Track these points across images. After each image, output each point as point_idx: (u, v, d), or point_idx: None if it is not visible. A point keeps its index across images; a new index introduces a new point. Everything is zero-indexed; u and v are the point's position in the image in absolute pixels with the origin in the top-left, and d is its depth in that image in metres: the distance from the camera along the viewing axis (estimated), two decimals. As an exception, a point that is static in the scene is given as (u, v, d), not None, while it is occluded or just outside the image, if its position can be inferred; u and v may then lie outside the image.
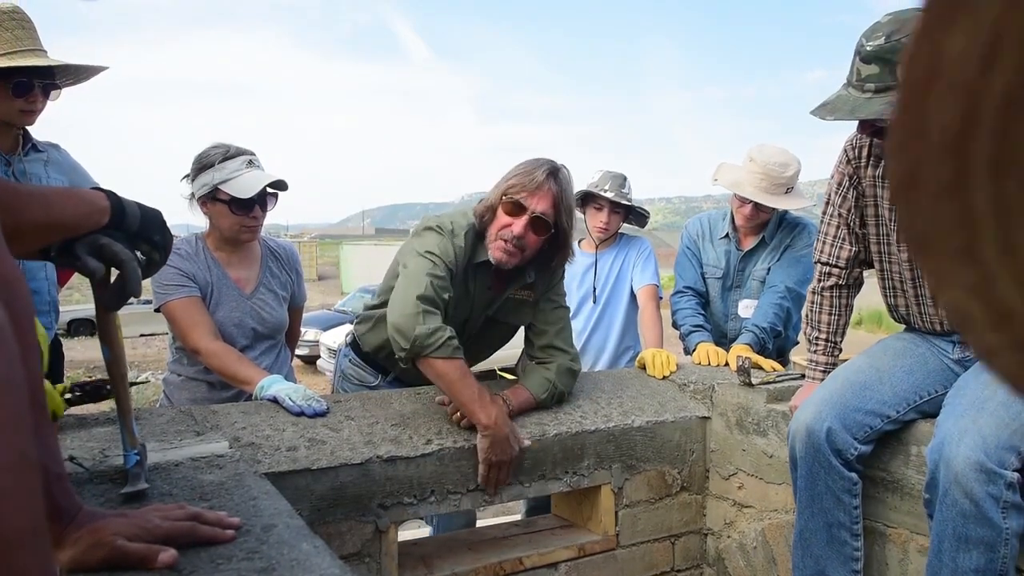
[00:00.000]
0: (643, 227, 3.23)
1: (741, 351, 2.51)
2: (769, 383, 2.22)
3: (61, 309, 2.58)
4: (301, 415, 1.86)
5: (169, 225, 1.26)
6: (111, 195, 1.18)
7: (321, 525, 1.65)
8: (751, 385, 2.20)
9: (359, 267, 26.29)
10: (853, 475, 1.77)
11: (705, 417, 2.28)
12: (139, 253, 1.21)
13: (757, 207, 2.72)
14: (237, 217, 2.16)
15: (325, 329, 12.32)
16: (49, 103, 2.28)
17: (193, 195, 2.18)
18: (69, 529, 0.92)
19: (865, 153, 1.93)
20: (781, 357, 2.91)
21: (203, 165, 2.15)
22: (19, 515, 0.56)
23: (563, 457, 2.02)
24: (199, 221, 2.26)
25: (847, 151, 1.96)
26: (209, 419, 1.77)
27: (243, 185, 2.12)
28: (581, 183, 2.97)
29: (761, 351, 2.62)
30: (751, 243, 2.86)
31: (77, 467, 1.32)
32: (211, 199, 2.15)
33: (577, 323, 2.99)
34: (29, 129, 2.31)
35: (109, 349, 1.25)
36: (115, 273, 1.18)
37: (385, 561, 1.77)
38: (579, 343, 2.98)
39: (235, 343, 2.18)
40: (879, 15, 1.75)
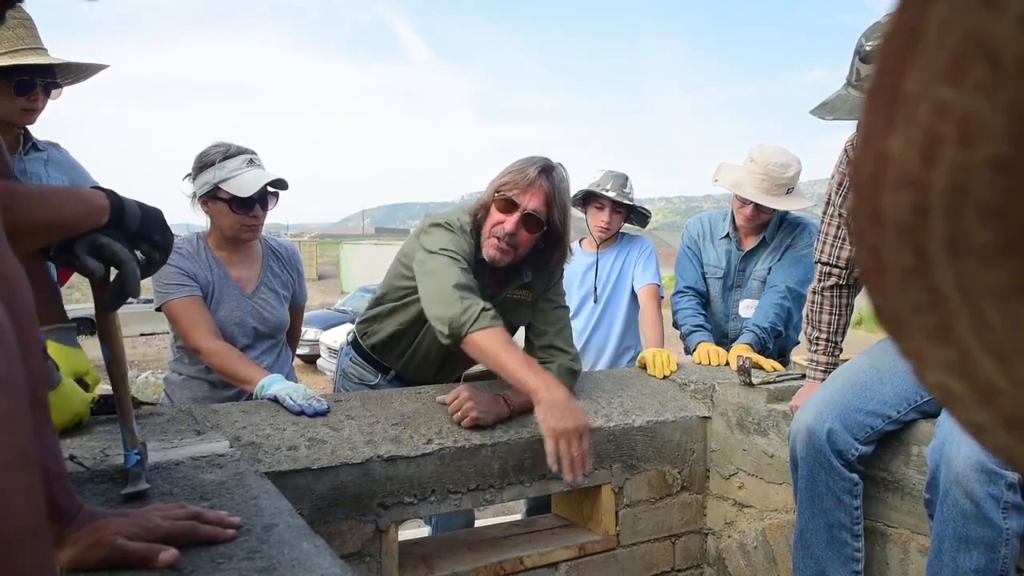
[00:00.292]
0: (644, 227, 3.23)
1: (742, 351, 2.51)
2: (770, 383, 2.22)
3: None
4: (302, 414, 1.86)
5: (169, 224, 1.26)
6: (111, 194, 1.18)
7: (321, 524, 1.64)
8: (752, 385, 2.20)
9: (359, 267, 26.29)
10: (854, 476, 1.77)
11: (706, 417, 2.28)
12: (139, 253, 1.21)
13: (758, 208, 2.71)
14: (237, 216, 2.16)
15: (325, 328, 12.32)
16: (50, 102, 2.28)
17: (194, 194, 2.18)
18: (69, 528, 0.92)
19: (866, 153, 1.93)
20: (782, 357, 2.91)
21: (204, 164, 2.15)
22: (19, 514, 0.56)
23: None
24: (199, 220, 2.26)
25: (847, 151, 1.96)
26: (209, 418, 1.77)
27: (243, 184, 2.12)
28: (582, 183, 2.97)
29: (762, 351, 2.61)
30: (752, 243, 2.86)
31: (78, 466, 1.32)
32: (212, 198, 2.16)
33: (578, 322, 2.99)
34: (29, 128, 2.31)
35: (109, 349, 1.25)
36: (115, 272, 1.18)
37: (385, 561, 1.77)
38: (580, 342, 2.98)
39: (236, 342, 2.18)
40: (879, 15, 1.75)
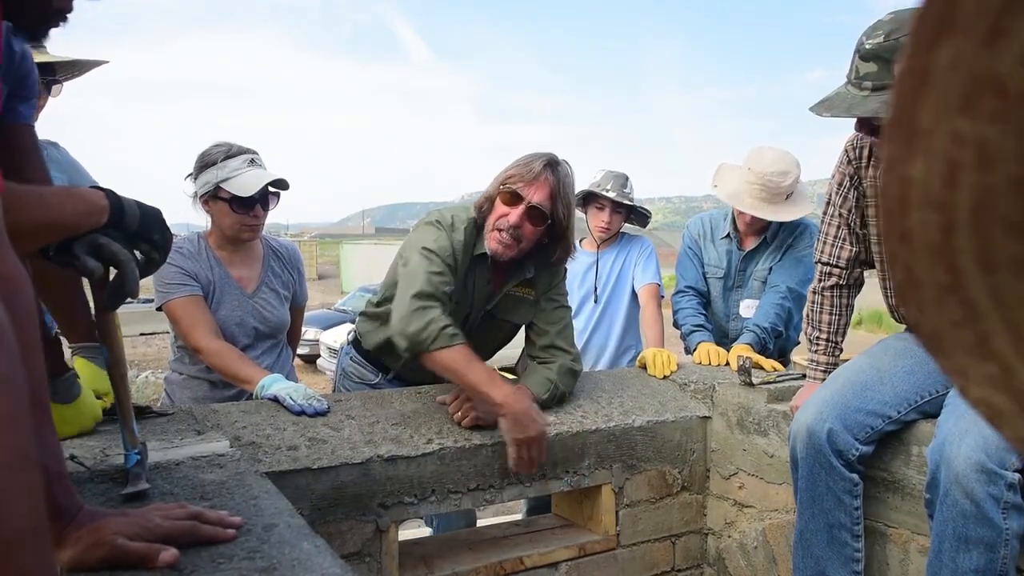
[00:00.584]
0: (644, 227, 3.23)
1: (742, 351, 2.51)
2: (770, 383, 2.22)
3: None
4: (302, 414, 1.86)
5: (169, 224, 1.25)
6: (110, 194, 1.17)
7: (322, 524, 1.64)
8: (752, 385, 2.20)
9: (359, 266, 26.27)
10: (854, 476, 1.77)
11: (706, 417, 2.28)
12: (138, 252, 1.21)
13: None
14: (238, 216, 2.16)
15: (325, 328, 12.31)
16: (50, 99, 2.28)
17: (196, 194, 2.18)
18: (69, 528, 0.92)
19: (866, 153, 1.92)
20: (782, 357, 2.90)
21: (205, 163, 2.15)
22: (20, 514, 0.56)
23: (564, 457, 2.02)
24: (200, 220, 2.27)
25: (848, 151, 1.96)
26: (210, 418, 1.77)
27: (244, 183, 2.13)
28: (582, 183, 2.97)
29: (762, 351, 2.61)
30: (753, 243, 2.85)
31: (78, 466, 1.32)
32: (213, 197, 2.16)
33: (578, 322, 2.99)
34: None
35: (108, 349, 1.25)
36: (114, 272, 1.18)
37: (385, 561, 1.77)
38: (580, 342, 2.98)
39: (237, 342, 2.18)
40: (879, 15, 1.74)
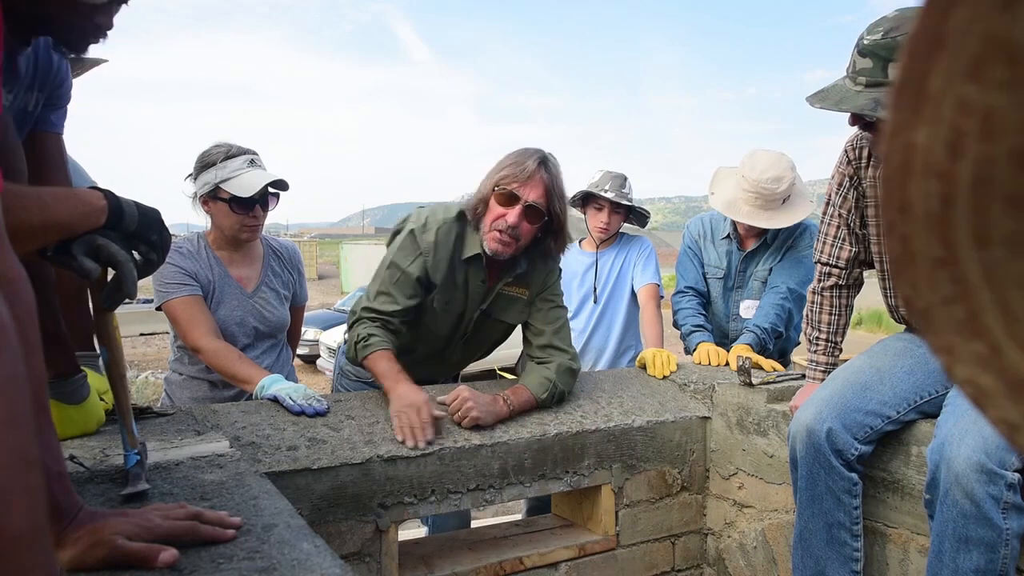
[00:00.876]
0: (643, 227, 3.23)
1: (742, 351, 2.51)
2: (769, 383, 2.22)
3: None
4: (301, 414, 1.86)
5: (169, 224, 1.25)
6: (108, 195, 1.17)
7: (321, 525, 1.64)
8: (751, 385, 2.20)
9: (359, 267, 26.25)
10: (853, 475, 1.77)
11: (705, 417, 2.28)
12: (136, 253, 1.21)
13: None
14: (238, 216, 2.16)
15: (325, 328, 12.31)
16: None
17: (195, 194, 2.18)
18: (69, 528, 0.91)
19: (865, 154, 1.92)
20: (783, 358, 2.91)
21: (205, 164, 2.15)
22: (21, 514, 0.56)
23: (563, 457, 2.02)
24: (200, 220, 2.26)
25: (848, 152, 1.96)
26: (209, 418, 1.77)
27: (244, 184, 2.13)
28: (581, 183, 2.98)
29: (762, 351, 2.61)
30: (753, 244, 2.85)
31: (78, 466, 1.32)
32: (212, 198, 2.16)
33: (578, 323, 3.00)
34: None
35: (107, 350, 1.24)
36: (112, 273, 1.18)
37: (385, 561, 1.77)
38: (580, 343, 2.98)
39: (237, 342, 2.18)
40: (880, 15, 1.74)
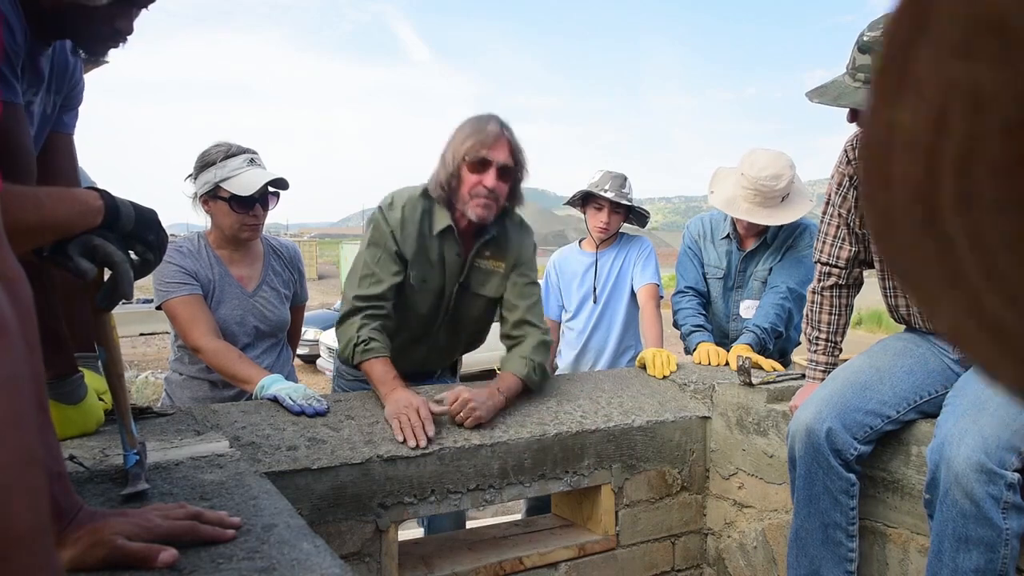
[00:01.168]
0: (643, 227, 3.23)
1: (741, 351, 2.51)
2: (769, 383, 2.22)
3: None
4: (301, 414, 1.86)
5: (169, 224, 1.25)
6: (105, 195, 1.17)
7: (321, 524, 1.64)
8: (751, 385, 2.20)
9: (359, 266, 26.21)
10: (851, 476, 1.77)
11: (705, 417, 2.28)
12: (133, 253, 1.20)
13: None
14: (238, 215, 2.16)
15: (325, 328, 12.30)
16: None
17: (195, 194, 2.18)
18: (69, 528, 0.91)
19: (865, 153, 1.92)
20: (783, 357, 2.90)
21: (205, 163, 2.15)
22: (24, 514, 0.56)
23: (563, 457, 2.02)
24: (199, 220, 2.26)
25: (847, 151, 1.96)
26: (209, 418, 1.77)
27: (244, 183, 2.13)
28: (581, 183, 2.99)
29: (762, 351, 2.61)
30: (753, 244, 2.85)
31: (78, 466, 1.32)
32: (212, 197, 2.16)
33: (578, 323, 3.00)
34: None
35: (105, 350, 1.24)
36: (108, 273, 1.17)
37: (385, 561, 1.77)
38: (579, 343, 2.98)
39: (237, 341, 2.18)
40: (880, 14, 1.74)
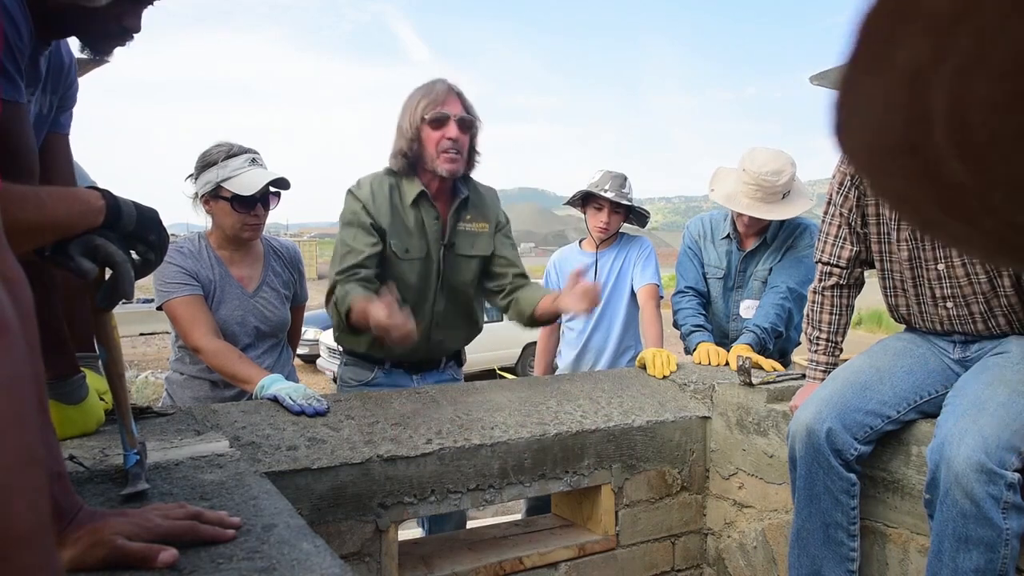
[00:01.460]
0: (643, 227, 3.23)
1: (742, 351, 2.51)
2: (769, 383, 2.22)
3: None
4: (301, 414, 1.86)
5: (169, 224, 1.25)
6: (107, 194, 1.17)
7: (321, 524, 1.64)
8: (751, 385, 2.20)
9: (359, 266, 26.18)
10: (852, 476, 1.77)
11: (705, 417, 2.28)
12: (134, 253, 1.20)
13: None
14: (239, 215, 2.16)
15: (325, 328, 12.29)
16: None
17: (196, 194, 2.18)
18: (69, 528, 0.91)
19: (866, 153, 1.92)
20: (783, 357, 2.90)
21: (206, 163, 2.15)
22: (25, 513, 0.55)
23: (563, 457, 2.02)
24: (200, 220, 2.27)
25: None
26: (209, 418, 1.77)
27: (245, 183, 2.13)
28: (581, 183, 2.99)
29: (762, 351, 2.61)
30: (753, 244, 2.85)
31: (78, 466, 1.32)
32: (213, 197, 2.16)
33: (578, 323, 3.00)
34: None
35: (105, 350, 1.24)
36: (109, 272, 1.17)
37: (385, 561, 1.77)
38: (579, 343, 2.98)
39: (238, 341, 2.18)
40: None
